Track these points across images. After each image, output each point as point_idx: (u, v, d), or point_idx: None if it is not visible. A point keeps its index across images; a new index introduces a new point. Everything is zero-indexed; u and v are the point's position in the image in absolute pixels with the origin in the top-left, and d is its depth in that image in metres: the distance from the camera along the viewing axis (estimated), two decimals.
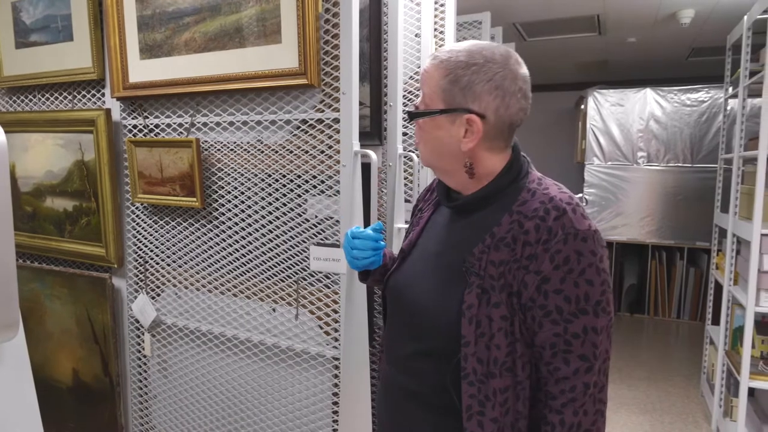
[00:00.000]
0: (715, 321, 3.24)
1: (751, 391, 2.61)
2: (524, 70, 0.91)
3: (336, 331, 1.54)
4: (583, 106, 5.13)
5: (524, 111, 0.92)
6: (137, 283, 1.89)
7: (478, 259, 0.90)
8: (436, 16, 1.97)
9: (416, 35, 1.88)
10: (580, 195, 4.96)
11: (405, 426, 1.01)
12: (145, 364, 1.93)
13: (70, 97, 1.93)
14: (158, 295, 1.86)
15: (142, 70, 1.71)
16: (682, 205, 4.73)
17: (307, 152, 1.53)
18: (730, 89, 3.31)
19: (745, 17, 2.82)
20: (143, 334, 1.89)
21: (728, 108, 3.55)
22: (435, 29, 1.95)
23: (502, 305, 0.87)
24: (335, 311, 1.54)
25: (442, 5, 1.98)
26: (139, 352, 1.93)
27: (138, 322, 1.90)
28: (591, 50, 4.69)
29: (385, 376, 1.08)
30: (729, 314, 2.87)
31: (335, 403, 1.56)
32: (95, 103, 1.88)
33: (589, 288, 0.84)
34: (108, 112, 1.79)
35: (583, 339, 0.85)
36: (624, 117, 4.83)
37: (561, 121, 6.13)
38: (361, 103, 1.52)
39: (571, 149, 5.95)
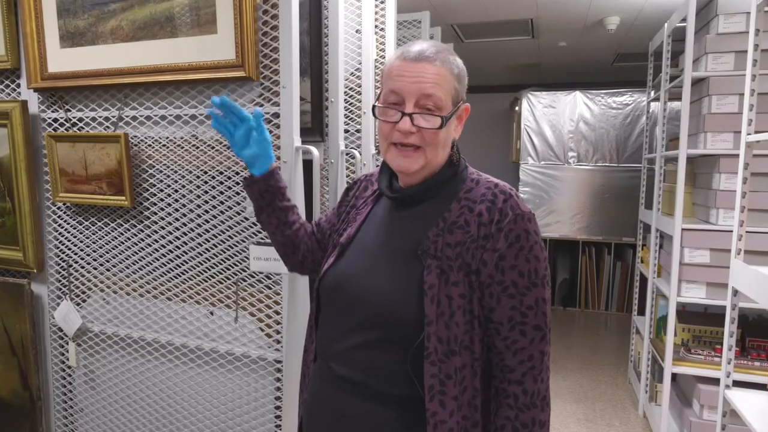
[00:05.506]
0: (641, 311, 3.43)
1: (674, 377, 2.77)
2: None
3: (278, 333, 1.49)
4: (517, 108, 5.30)
5: None
6: (60, 289, 1.76)
7: (434, 242, 0.94)
8: (376, 13, 1.96)
9: (357, 31, 1.86)
10: None
11: (350, 419, 0.99)
12: (69, 375, 1.80)
13: None
14: (84, 301, 1.74)
15: (63, 60, 1.59)
16: (609, 202, 4.98)
17: None
18: (652, 93, 3.52)
19: (666, 25, 3.00)
20: (67, 343, 1.76)
21: (650, 111, 3.77)
22: (375, 26, 1.94)
23: (461, 284, 0.92)
24: (277, 312, 1.49)
25: (382, 2, 1.98)
26: (63, 363, 1.79)
27: (61, 330, 1.77)
28: (525, 53, 4.86)
29: (321, 374, 1.05)
30: (653, 305, 3.05)
31: (278, 407, 1.51)
32: (9, 94, 1.73)
33: (536, 263, 0.92)
34: (24, 104, 1.66)
35: (535, 310, 0.92)
36: (556, 118, 5.03)
37: (497, 122, 6.31)
38: (301, 99, 1.48)
39: (507, 149, 6.14)
